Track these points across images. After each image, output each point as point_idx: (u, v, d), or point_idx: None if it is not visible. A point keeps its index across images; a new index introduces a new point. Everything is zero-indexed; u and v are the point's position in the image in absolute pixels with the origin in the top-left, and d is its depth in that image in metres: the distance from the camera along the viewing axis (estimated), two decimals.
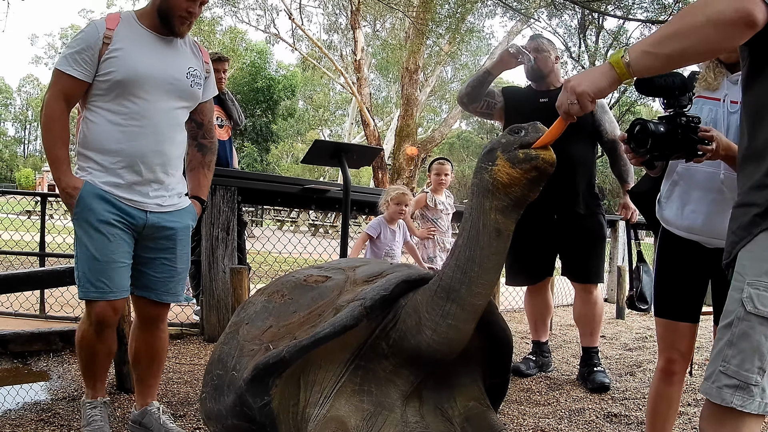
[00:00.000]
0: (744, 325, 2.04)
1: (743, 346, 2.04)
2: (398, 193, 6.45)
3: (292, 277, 2.97)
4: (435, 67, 28.77)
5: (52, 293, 7.74)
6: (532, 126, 2.31)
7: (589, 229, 5.65)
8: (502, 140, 2.34)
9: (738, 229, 2.16)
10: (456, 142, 64.22)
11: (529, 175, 2.27)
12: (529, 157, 2.25)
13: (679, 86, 2.93)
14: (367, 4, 25.86)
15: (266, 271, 10.79)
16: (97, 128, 3.62)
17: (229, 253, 6.72)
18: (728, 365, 2.06)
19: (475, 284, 2.38)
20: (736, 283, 2.11)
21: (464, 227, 2.41)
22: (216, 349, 2.96)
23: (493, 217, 2.33)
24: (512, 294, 10.00)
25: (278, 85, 49.03)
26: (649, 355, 6.91)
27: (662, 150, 2.89)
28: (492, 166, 2.31)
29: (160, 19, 3.68)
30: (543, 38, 5.92)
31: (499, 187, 2.30)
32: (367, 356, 2.60)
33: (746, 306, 2.04)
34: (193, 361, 5.75)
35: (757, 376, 2.02)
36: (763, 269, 2.04)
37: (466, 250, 2.38)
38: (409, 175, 24.68)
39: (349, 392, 2.53)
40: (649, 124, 2.84)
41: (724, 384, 2.07)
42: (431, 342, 2.46)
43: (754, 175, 2.12)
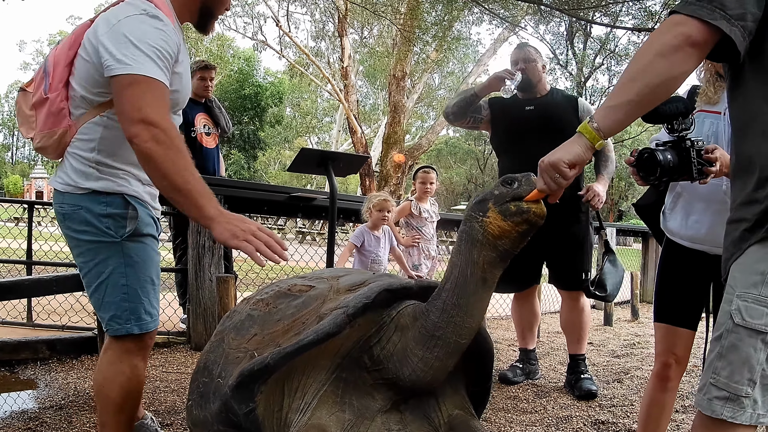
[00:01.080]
0: (732, 337, 2.07)
1: (732, 358, 2.06)
2: (380, 199, 6.46)
3: (277, 287, 3.01)
4: (422, 75, 28.80)
5: (39, 301, 7.74)
6: (526, 178, 2.34)
7: (575, 236, 5.67)
8: (495, 192, 2.37)
9: (730, 245, 2.20)
10: (444, 148, 64.41)
11: (520, 228, 2.32)
12: (521, 210, 2.29)
13: (683, 111, 3.01)
14: (354, 12, 25.90)
15: (253, 279, 10.79)
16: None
17: (215, 262, 6.72)
18: (718, 377, 2.09)
19: (460, 327, 2.44)
20: (727, 296, 2.14)
21: (451, 272, 2.46)
22: (202, 357, 2.98)
23: (481, 267, 2.38)
24: (499, 301, 10.01)
25: (266, 92, 49.07)
26: (636, 362, 6.94)
27: (670, 175, 3.00)
28: (483, 217, 2.35)
29: (200, 15, 3.32)
30: (530, 46, 5.94)
31: (490, 238, 2.34)
32: (349, 367, 2.63)
33: (734, 318, 2.07)
34: (179, 370, 5.75)
35: (748, 388, 2.04)
36: (751, 281, 2.07)
37: (453, 296, 2.43)
38: (396, 182, 24.69)
39: (330, 402, 2.56)
40: (657, 154, 2.99)
41: (715, 396, 2.09)
42: (416, 370, 2.52)
43: (742, 191, 2.17)
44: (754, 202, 2.10)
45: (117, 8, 3.04)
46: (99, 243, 3.11)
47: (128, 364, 3.20)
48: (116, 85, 2.86)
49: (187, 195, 2.82)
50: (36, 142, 3.18)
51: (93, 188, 3.09)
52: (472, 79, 28.02)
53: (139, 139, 2.78)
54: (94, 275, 3.14)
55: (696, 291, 3.50)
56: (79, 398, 4.80)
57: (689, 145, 3.02)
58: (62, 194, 3.15)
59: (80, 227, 3.11)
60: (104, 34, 2.93)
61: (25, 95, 3.25)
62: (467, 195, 66.26)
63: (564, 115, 5.59)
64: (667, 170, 2.99)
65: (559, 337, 8.27)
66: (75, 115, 3.11)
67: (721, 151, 3.03)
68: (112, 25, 2.93)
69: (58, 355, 5.87)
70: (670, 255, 3.65)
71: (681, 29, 2.04)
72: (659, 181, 3.10)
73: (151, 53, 2.88)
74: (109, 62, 2.86)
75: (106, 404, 3.20)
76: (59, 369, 5.58)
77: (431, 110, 45.70)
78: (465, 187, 68.73)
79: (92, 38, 3.00)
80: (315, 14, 29.41)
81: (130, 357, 3.20)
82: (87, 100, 3.08)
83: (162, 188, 2.90)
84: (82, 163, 3.11)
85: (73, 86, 3.07)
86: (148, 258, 3.21)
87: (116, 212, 3.11)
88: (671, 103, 3.01)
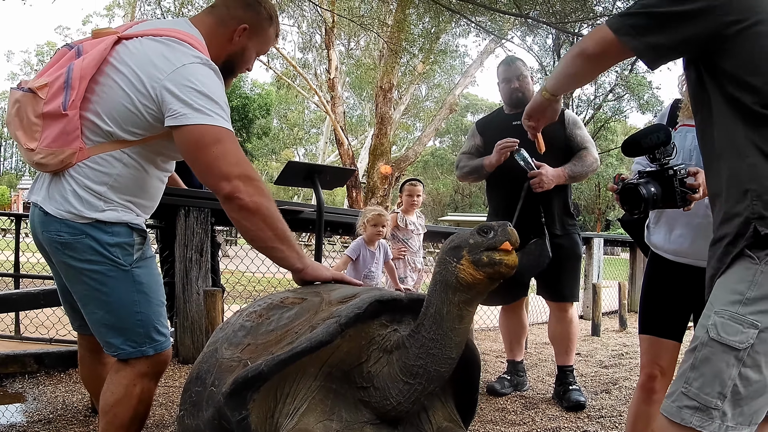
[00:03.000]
0: (707, 350, 2.13)
1: (704, 370, 2.13)
2: (374, 214, 6.46)
3: (269, 299, 3.04)
4: (409, 86, 28.90)
5: (27, 314, 7.71)
6: (501, 228, 2.40)
7: (564, 248, 5.66)
8: (470, 240, 2.44)
9: (714, 262, 2.28)
10: (430, 159, 64.58)
11: (491, 278, 2.39)
12: (493, 261, 2.36)
13: (664, 141, 3.06)
14: (341, 24, 25.93)
15: (240, 292, 10.77)
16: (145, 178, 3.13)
17: (203, 275, 6.71)
18: (689, 387, 2.14)
19: (440, 360, 2.52)
20: (706, 311, 2.21)
21: (428, 310, 2.54)
22: (194, 367, 3.00)
23: (456, 305, 2.47)
24: (486, 313, 10.04)
25: (253, 104, 49.05)
26: (624, 372, 6.97)
27: (654, 206, 3.07)
28: (457, 263, 2.43)
29: (224, 66, 3.19)
30: (518, 60, 5.94)
31: (462, 284, 2.42)
32: (339, 380, 2.67)
33: (710, 333, 2.13)
34: (167, 383, 5.74)
35: (717, 401, 2.09)
36: (729, 299, 2.13)
37: (431, 332, 2.51)
38: (383, 194, 24.71)
39: (319, 411, 2.59)
40: (640, 188, 3.08)
41: (685, 405, 2.14)
42: (399, 395, 2.59)
43: (722, 210, 2.25)
44: (735, 215, 2.18)
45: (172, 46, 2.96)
46: (106, 272, 3.02)
47: (142, 388, 3.14)
48: (194, 137, 2.83)
49: (288, 243, 2.97)
50: (37, 157, 2.93)
51: (98, 219, 2.99)
52: (459, 90, 28.10)
53: (244, 194, 2.82)
54: (100, 303, 3.06)
55: (681, 303, 3.53)
56: (68, 412, 4.79)
57: (672, 174, 3.07)
58: (59, 221, 2.98)
59: (85, 257, 2.99)
60: (168, 77, 2.85)
61: (35, 99, 2.93)
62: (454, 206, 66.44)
63: (549, 127, 5.58)
64: (651, 203, 3.07)
65: (547, 348, 8.29)
66: (90, 140, 2.96)
67: (703, 175, 3.08)
68: (177, 68, 2.87)
69: (46, 369, 5.84)
70: (655, 268, 3.70)
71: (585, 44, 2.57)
72: (644, 214, 3.17)
73: (225, 107, 2.90)
74: (183, 110, 2.82)
75: (112, 424, 3.12)
76: (47, 383, 5.57)
77: (418, 121, 45.88)
78: (452, 198, 68.90)
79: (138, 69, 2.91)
80: (302, 26, 29.39)
81: (145, 380, 3.15)
82: (113, 135, 2.97)
83: (263, 239, 2.93)
84: (89, 193, 2.98)
85: (100, 114, 2.94)
86: (155, 280, 3.17)
87: (124, 241, 3.04)
88: (652, 133, 3.08)
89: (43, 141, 2.92)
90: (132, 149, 3.00)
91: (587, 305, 11.32)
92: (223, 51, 3.23)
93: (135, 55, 2.94)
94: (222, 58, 3.21)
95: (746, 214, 2.13)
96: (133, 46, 2.98)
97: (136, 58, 2.93)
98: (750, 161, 2.15)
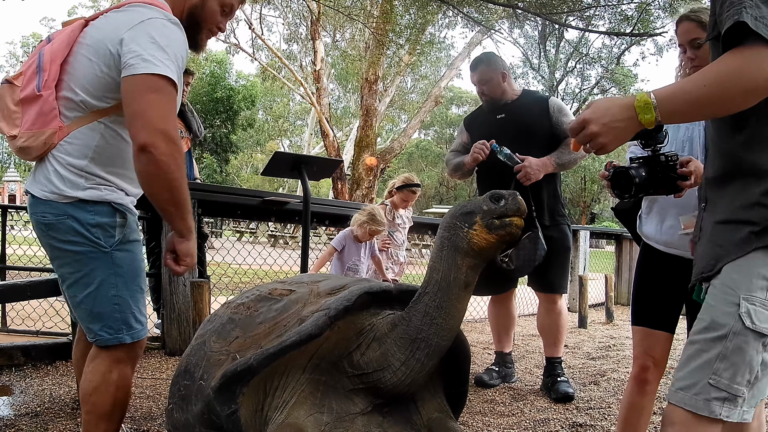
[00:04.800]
0: (739, 339, 2.07)
1: (736, 359, 2.07)
2: (375, 228, 6.32)
3: (257, 291, 3.03)
4: (395, 78, 28.82)
5: (14, 307, 7.66)
6: (512, 198, 2.53)
7: (553, 239, 5.63)
8: (483, 207, 2.53)
9: (728, 244, 2.17)
10: (415, 151, 64.57)
11: (503, 240, 2.51)
12: (505, 224, 2.50)
13: (656, 127, 3.03)
14: (327, 15, 25.87)
15: (227, 284, 10.75)
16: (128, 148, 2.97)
17: None
18: (719, 378, 2.08)
19: (442, 329, 2.56)
20: (726, 297, 2.12)
21: (432, 276, 2.58)
22: (182, 360, 2.99)
23: (464, 272, 2.53)
24: (473, 304, 10.04)
25: (238, 96, 48.83)
26: (612, 364, 6.99)
27: (645, 191, 3.04)
28: (469, 229, 2.52)
29: (188, 23, 3.19)
30: (482, 64, 5.80)
31: (474, 248, 2.51)
32: (329, 371, 2.68)
33: (744, 321, 2.06)
34: (154, 375, 5.72)
35: (744, 389, 2.07)
36: (758, 285, 2.08)
37: (435, 299, 2.55)
38: (368, 186, 24.69)
39: (309, 404, 2.60)
40: (630, 171, 3.05)
41: (714, 396, 2.09)
42: (398, 373, 2.61)
43: (744, 194, 2.15)
44: (763, 206, 2.09)
45: (133, 10, 2.98)
46: (87, 253, 3.01)
47: (118, 374, 3.11)
48: (137, 86, 2.79)
49: (181, 209, 2.91)
50: (20, 141, 2.97)
51: (80, 197, 2.98)
52: (445, 82, 28.09)
53: (157, 150, 2.75)
54: (81, 286, 3.04)
55: (673, 294, 3.52)
56: (55, 405, 4.76)
57: (664, 160, 3.06)
58: (44, 202, 3.00)
59: (67, 237, 2.99)
60: (126, 33, 2.86)
61: (11, 88, 3.03)
62: (439, 198, 66.47)
63: (533, 118, 5.58)
64: (642, 187, 3.05)
65: (535, 339, 8.30)
66: (67, 118, 2.97)
67: (696, 163, 3.09)
68: (134, 24, 2.87)
69: (33, 362, 5.80)
70: (646, 259, 3.69)
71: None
72: (634, 198, 3.15)
73: (175, 60, 2.87)
74: (133, 61, 2.79)
75: (93, 413, 3.10)
76: (34, 375, 5.53)
77: (403, 113, 45.82)
78: (437, 191, 68.92)
79: (102, 38, 2.94)
80: (288, 16, 29.31)
81: (121, 366, 3.12)
82: (86, 105, 2.97)
83: (159, 200, 2.87)
84: (70, 171, 2.98)
85: (72, 88, 2.96)
86: (136, 266, 3.15)
87: (105, 221, 3.02)
88: None
89: (23, 125, 2.97)
90: (108, 118, 3.00)
91: (573, 297, 11.34)
92: (183, 5, 3.21)
93: (100, 28, 3.00)
94: (184, 14, 3.20)
95: None
96: (99, 23, 3.05)
97: (101, 31, 2.98)
98: None
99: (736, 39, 2.00)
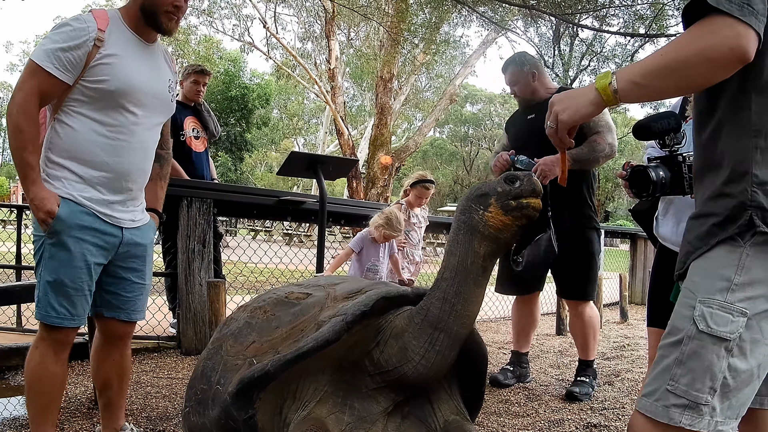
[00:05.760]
0: (694, 344, 2.03)
1: (693, 365, 2.02)
2: (390, 233, 6.29)
3: (274, 294, 3.03)
4: (409, 76, 28.79)
5: (29, 306, 7.67)
6: (528, 179, 2.47)
7: (575, 244, 5.57)
8: (497, 188, 2.48)
9: (694, 239, 2.16)
10: (429, 149, 64.59)
11: (519, 222, 2.45)
12: (521, 205, 2.43)
13: (674, 127, 3.05)
14: (342, 13, 25.87)
15: (243, 283, 10.76)
16: (79, 136, 3.34)
17: (205, 266, 6.70)
18: (677, 384, 2.04)
19: (462, 316, 2.53)
20: (686, 299, 2.10)
21: (449, 261, 2.55)
22: (199, 364, 2.99)
23: (481, 257, 2.49)
24: (488, 304, 10.02)
25: (252, 94, 48.80)
26: (627, 364, 6.97)
27: (662, 191, 3.06)
28: (485, 211, 2.47)
29: (145, 18, 3.43)
30: (513, 63, 5.79)
31: (491, 231, 2.46)
32: (350, 370, 2.68)
33: (698, 324, 2.03)
34: (170, 375, 5.74)
35: (708, 396, 2.00)
36: (717, 287, 2.03)
37: (453, 285, 2.52)
38: (383, 184, 24.69)
39: (331, 404, 2.61)
40: (649, 171, 3.07)
41: (673, 403, 2.04)
42: (419, 367, 2.57)
43: (711, 186, 2.13)
44: (725, 195, 2.07)
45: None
46: (37, 237, 3.41)
47: (39, 352, 3.44)
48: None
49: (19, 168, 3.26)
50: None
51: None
52: (459, 80, 28.05)
53: (10, 105, 3.24)
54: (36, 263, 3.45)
55: None
56: (71, 404, 4.78)
57: (681, 161, 3.07)
58: None
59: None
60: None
61: None
62: (453, 196, 66.35)
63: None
64: (660, 186, 3.06)
65: (550, 339, 8.31)
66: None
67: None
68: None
69: None
70: (662, 260, 3.69)
71: (740, 42, 1.92)
72: (652, 197, 3.16)
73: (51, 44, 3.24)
74: None
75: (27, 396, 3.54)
76: None
77: (418, 112, 45.72)
78: (451, 189, 68.82)
79: None
80: (302, 15, 29.34)
81: (42, 344, 3.45)
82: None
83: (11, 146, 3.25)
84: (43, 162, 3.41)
85: None
86: (65, 259, 3.35)
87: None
88: (662, 119, 3.06)
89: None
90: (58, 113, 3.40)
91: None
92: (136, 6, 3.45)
93: None
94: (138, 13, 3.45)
95: (741, 198, 2.03)
96: None
97: None
98: (762, 144, 2.03)
99: (698, 16, 1.98)
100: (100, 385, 3.85)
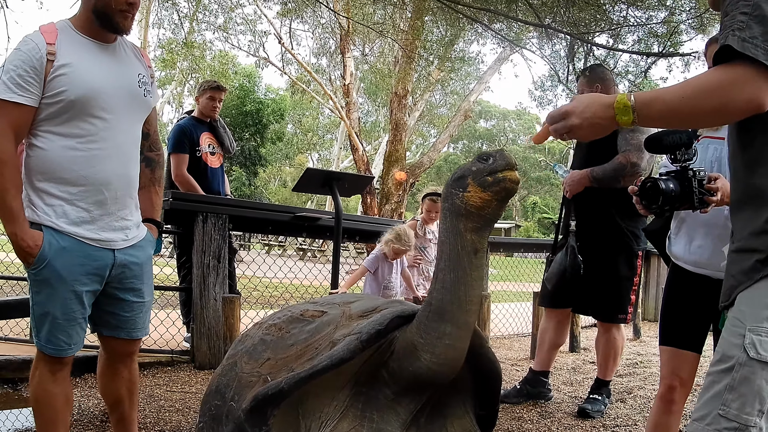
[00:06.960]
0: (745, 370, 2.06)
1: (744, 390, 2.07)
2: (399, 248, 6.32)
3: (289, 312, 3.05)
4: (424, 92, 28.81)
5: None
6: (500, 154, 2.52)
7: (611, 267, 5.53)
8: (472, 168, 2.53)
9: (738, 273, 2.19)
10: (443, 165, 64.41)
11: (498, 196, 2.48)
12: (498, 179, 2.46)
13: (686, 142, 3.08)
14: (356, 29, 25.93)
15: (257, 298, 10.77)
16: (49, 155, 3.24)
17: (220, 281, 6.73)
18: (728, 409, 2.08)
19: (465, 302, 2.55)
20: (735, 329, 2.13)
21: (443, 250, 2.59)
22: (213, 380, 3.01)
23: (469, 237, 2.52)
24: (501, 320, 10.01)
25: (267, 109, 49.01)
26: (639, 381, 6.94)
27: (672, 204, 3.08)
28: (464, 192, 2.51)
29: (99, 21, 3.32)
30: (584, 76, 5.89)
31: (474, 210, 2.49)
32: (368, 383, 2.70)
33: (749, 352, 2.07)
34: (184, 389, 5.76)
35: (756, 418, 2.05)
36: (764, 315, 2.07)
37: (451, 272, 2.54)
38: (397, 200, 24.67)
39: (351, 417, 2.62)
40: (659, 183, 3.09)
41: (724, 427, 2.08)
42: (431, 364, 2.58)
43: (754, 221, 2.16)
44: (767, 233, 2.10)
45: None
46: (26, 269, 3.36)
47: (39, 373, 3.45)
48: None
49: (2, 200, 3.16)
50: None
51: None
52: (474, 96, 28.06)
53: None
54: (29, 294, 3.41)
55: (701, 314, 3.53)
56: (84, 416, 4.81)
57: (691, 175, 3.10)
58: None
59: None
60: None
61: None
62: None
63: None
64: (669, 199, 3.09)
65: (562, 355, 8.26)
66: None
67: (723, 180, 3.10)
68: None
69: None
70: (675, 279, 3.70)
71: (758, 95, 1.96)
72: (661, 210, 3.18)
73: (6, 77, 3.14)
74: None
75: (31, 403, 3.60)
76: None
77: (432, 128, 45.74)
78: None
79: None
80: (317, 31, 29.40)
81: (40, 365, 3.44)
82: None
83: None
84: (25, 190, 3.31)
85: None
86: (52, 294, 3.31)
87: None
88: (674, 134, 3.10)
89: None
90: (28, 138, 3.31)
91: None
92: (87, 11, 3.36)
93: None
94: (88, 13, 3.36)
95: None
96: None
97: None
98: None
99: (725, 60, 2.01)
100: (111, 402, 3.79)
